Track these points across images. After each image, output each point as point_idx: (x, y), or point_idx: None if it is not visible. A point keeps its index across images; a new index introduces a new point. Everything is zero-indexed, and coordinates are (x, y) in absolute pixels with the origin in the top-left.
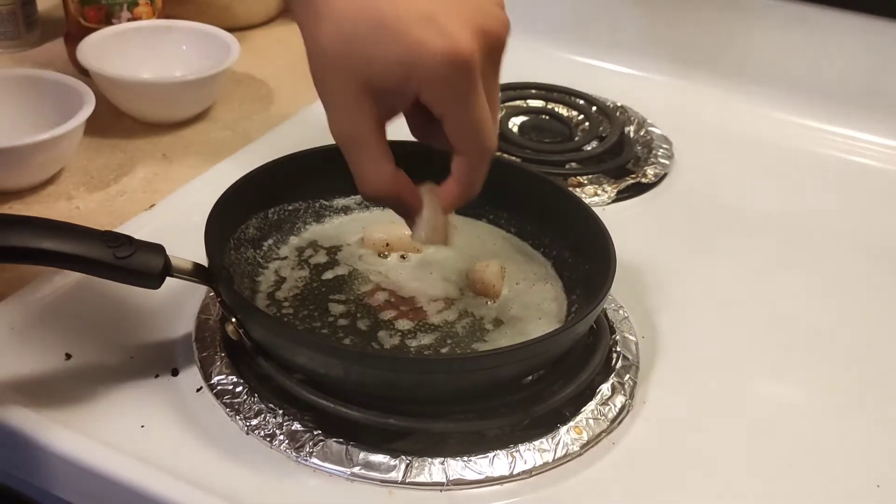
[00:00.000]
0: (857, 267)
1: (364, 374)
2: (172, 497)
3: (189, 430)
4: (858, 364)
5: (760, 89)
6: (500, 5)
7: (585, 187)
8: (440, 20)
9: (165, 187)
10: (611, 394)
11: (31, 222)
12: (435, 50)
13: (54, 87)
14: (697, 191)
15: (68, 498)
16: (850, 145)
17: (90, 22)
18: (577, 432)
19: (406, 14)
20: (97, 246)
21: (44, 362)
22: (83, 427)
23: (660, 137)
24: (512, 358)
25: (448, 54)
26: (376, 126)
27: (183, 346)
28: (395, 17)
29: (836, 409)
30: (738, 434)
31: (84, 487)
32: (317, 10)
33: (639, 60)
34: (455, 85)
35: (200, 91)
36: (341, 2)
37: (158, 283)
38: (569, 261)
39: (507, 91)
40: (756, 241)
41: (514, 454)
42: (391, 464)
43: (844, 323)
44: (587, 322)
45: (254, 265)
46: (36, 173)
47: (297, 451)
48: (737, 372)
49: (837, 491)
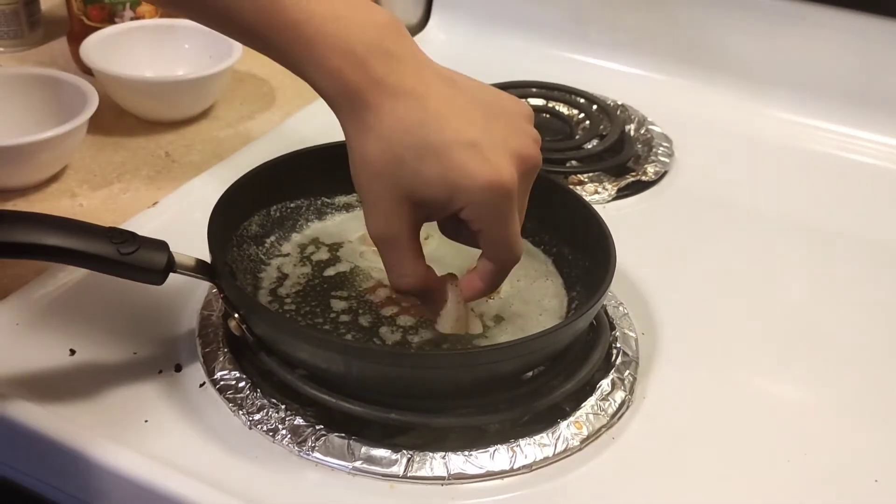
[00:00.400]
0: (858, 264)
1: (366, 369)
2: (176, 491)
3: (192, 425)
4: (858, 361)
5: (760, 87)
6: (529, 118)
7: (586, 185)
8: (483, 148)
9: (168, 185)
10: (611, 389)
11: (35, 218)
12: (479, 177)
13: (57, 86)
14: (697, 189)
15: (72, 492)
16: (849, 143)
17: (93, 21)
18: (578, 427)
19: (452, 140)
20: (101, 242)
21: (48, 358)
22: (87, 422)
23: (660, 136)
24: (512, 353)
25: (491, 182)
26: (412, 229)
27: (186, 341)
28: (441, 142)
29: (835, 405)
30: (737, 429)
31: (87, 482)
32: (365, 122)
33: (639, 59)
34: (496, 209)
35: (203, 90)
36: (391, 119)
37: (162, 280)
38: (569, 258)
39: (508, 89)
40: (755, 238)
41: (514, 449)
42: (393, 458)
43: (843, 319)
44: (587, 318)
45: (256, 262)
46: (39, 171)
47: (299, 446)
48: (736, 368)
49: (836, 486)
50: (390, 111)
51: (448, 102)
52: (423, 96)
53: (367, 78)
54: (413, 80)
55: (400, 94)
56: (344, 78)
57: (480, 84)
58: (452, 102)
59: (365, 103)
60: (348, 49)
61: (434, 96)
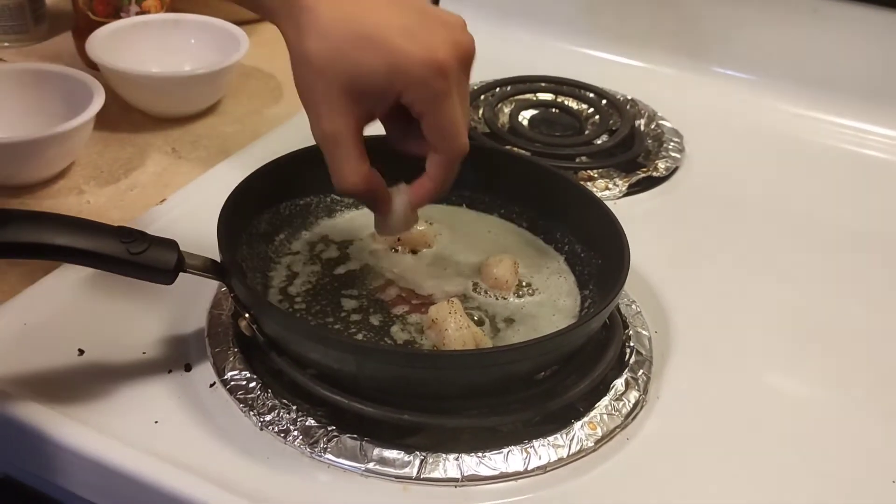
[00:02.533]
0: (872, 260)
1: (377, 369)
2: (186, 492)
3: (202, 426)
4: (873, 359)
5: (771, 82)
6: (464, 28)
7: (596, 181)
8: (417, 33)
9: (175, 182)
10: (624, 389)
11: (44, 218)
12: (415, 56)
13: (63, 82)
14: (709, 184)
15: (80, 493)
16: (861, 138)
17: (99, 16)
18: (592, 428)
19: (388, 27)
20: (111, 241)
21: (56, 358)
22: (96, 422)
23: (670, 131)
24: (526, 353)
25: (427, 60)
26: (356, 127)
27: (195, 341)
28: (378, 29)
29: (850, 403)
30: (752, 428)
31: (97, 482)
32: (300, 22)
33: (649, 53)
34: (435, 88)
35: (209, 85)
36: (327, 17)
37: (172, 279)
38: (581, 255)
39: (517, 84)
40: (767, 234)
41: (528, 450)
42: (405, 459)
43: (857, 316)
44: (601, 318)
45: (266, 260)
46: (46, 167)
47: (311, 447)
48: (750, 366)
49: (852, 486)
50: (326, 9)
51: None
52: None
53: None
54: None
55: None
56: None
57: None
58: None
59: (301, 5)
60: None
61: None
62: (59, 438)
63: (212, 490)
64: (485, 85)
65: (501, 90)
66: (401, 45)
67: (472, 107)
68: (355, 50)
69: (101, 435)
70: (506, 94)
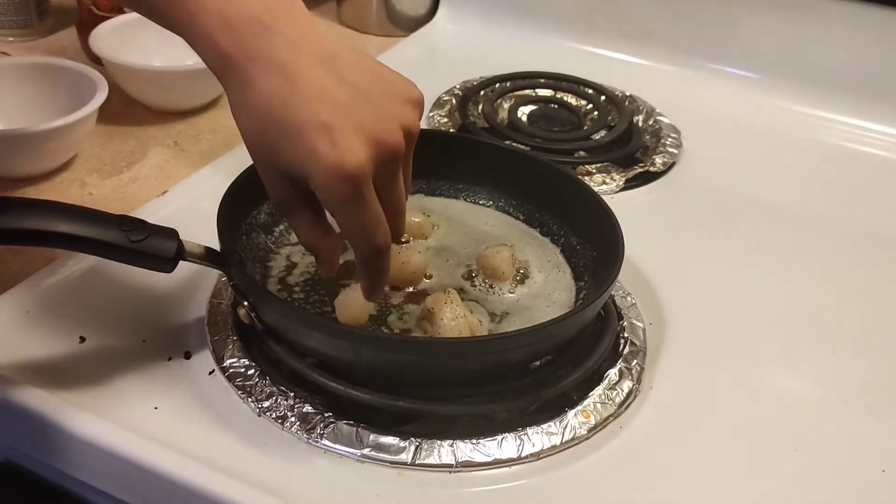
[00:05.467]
0: (866, 257)
1: (374, 357)
2: (184, 476)
3: (201, 412)
4: (865, 352)
5: (769, 79)
6: (413, 102)
7: (594, 176)
8: (334, 131)
9: (177, 174)
10: (618, 379)
11: (46, 206)
12: (322, 160)
13: (67, 75)
14: (705, 180)
15: (81, 477)
16: (858, 135)
17: (102, 10)
18: (585, 416)
19: (306, 120)
20: (112, 229)
21: (58, 345)
22: (97, 408)
23: (668, 126)
24: (520, 342)
25: (333, 166)
26: (301, 197)
27: (195, 329)
28: (296, 122)
29: (842, 395)
30: (745, 419)
31: (97, 467)
32: (239, 94)
33: (647, 50)
34: (341, 194)
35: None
36: (260, 95)
37: (172, 267)
38: (577, 248)
39: (517, 80)
40: (763, 229)
41: (522, 437)
42: (401, 445)
43: (851, 311)
44: (595, 307)
45: (265, 250)
46: (50, 160)
47: (308, 433)
48: (744, 358)
49: (843, 475)
50: (260, 86)
51: (316, 82)
52: (293, 74)
53: (241, 49)
54: (287, 56)
55: (272, 69)
56: (219, 48)
57: (370, 66)
58: (321, 83)
59: (239, 75)
60: (224, 19)
61: (304, 75)
62: (61, 424)
63: (210, 474)
64: (484, 81)
65: (501, 86)
66: (314, 146)
67: (473, 102)
68: (276, 138)
69: (102, 420)
70: (505, 90)
